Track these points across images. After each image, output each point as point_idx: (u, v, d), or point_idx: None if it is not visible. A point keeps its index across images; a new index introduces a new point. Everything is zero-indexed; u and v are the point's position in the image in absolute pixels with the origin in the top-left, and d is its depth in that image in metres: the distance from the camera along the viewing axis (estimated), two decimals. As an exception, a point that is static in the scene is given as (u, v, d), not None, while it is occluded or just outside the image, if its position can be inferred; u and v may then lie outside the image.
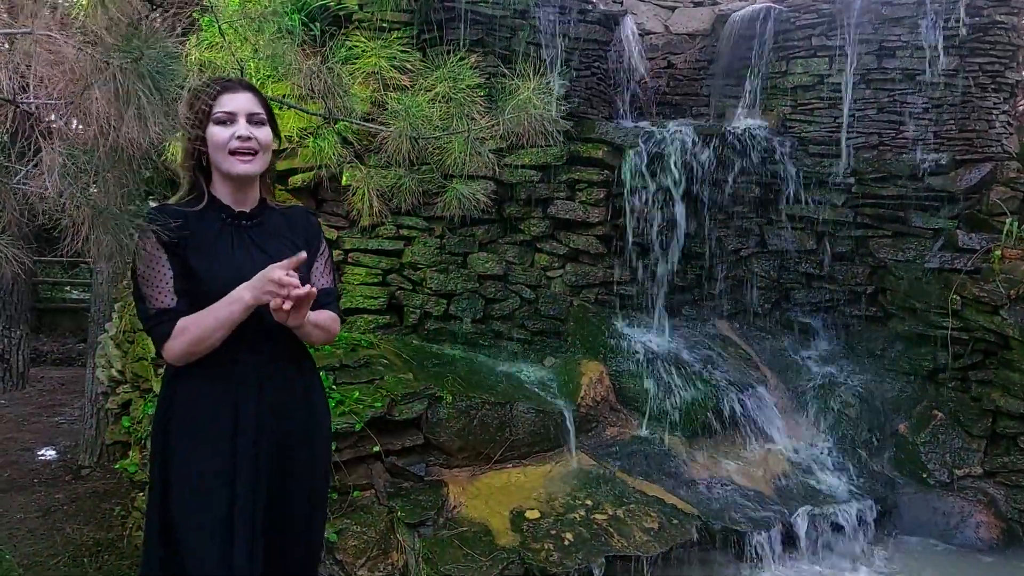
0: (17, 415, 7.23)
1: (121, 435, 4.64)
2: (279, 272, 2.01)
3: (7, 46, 1.88)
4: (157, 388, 3.62)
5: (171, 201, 2.29)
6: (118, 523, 4.31)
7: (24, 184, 1.90)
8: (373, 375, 4.25)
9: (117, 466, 4.64)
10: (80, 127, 1.98)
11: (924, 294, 5.19)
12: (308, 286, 2.05)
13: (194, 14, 3.70)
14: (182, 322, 2.12)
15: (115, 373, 4.80)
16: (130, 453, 4.47)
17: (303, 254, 2.06)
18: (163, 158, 3.16)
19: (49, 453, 5.94)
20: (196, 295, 2.15)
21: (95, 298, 6.29)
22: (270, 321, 2.10)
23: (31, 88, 1.84)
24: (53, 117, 1.96)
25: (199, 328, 2.10)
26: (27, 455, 5.85)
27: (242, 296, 2.06)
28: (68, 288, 13.26)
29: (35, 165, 1.93)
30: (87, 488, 4.96)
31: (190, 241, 2.15)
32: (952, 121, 5.40)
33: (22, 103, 1.89)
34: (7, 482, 5.12)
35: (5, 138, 2.00)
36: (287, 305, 2.01)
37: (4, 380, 8.51)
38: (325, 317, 2.32)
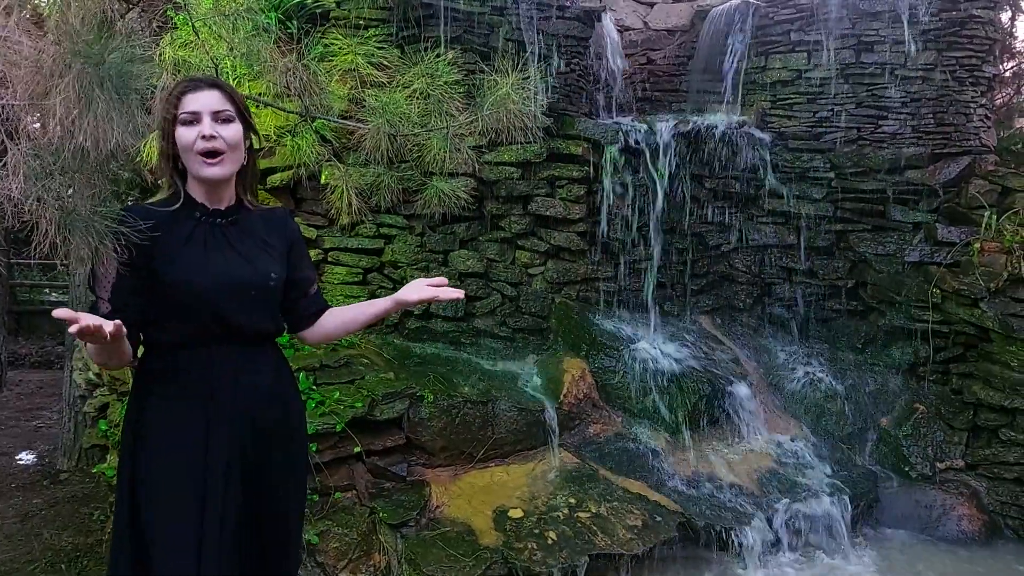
0: (-5, 419, 7.14)
1: (99, 439, 4.59)
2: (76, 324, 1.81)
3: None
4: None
5: (150, 202, 2.26)
6: (97, 528, 4.25)
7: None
8: (354, 375, 4.23)
9: (95, 470, 4.59)
10: (48, 126, 1.94)
11: (904, 288, 5.21)
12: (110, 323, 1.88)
13: (168, 12, 3.65)
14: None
15: (92, 376, 4.75)
16: (108, 457, 4.43)
17: (108, 326, 1.83)
18: (139, 160, 3.11)
19: (27, 457, 5.85)
20: (167, 301, 2.12)
21: (73, 300, 6.19)
22: (240, 320, 2.12)
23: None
24: (20, 118, 1.92)
25: (99, 357, 2.11)
26: (5, 460, 5.76)
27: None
28: (47, 291, 13.10)
29: (2, 166, 1.89)
30: (66, 492, 4.88)
31: (159, 243, 2.11)
32: (930, 115, 5.42)
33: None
34: (-16, 487, 5.05)
35: None
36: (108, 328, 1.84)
37: (-19, 384, 8.40)
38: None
